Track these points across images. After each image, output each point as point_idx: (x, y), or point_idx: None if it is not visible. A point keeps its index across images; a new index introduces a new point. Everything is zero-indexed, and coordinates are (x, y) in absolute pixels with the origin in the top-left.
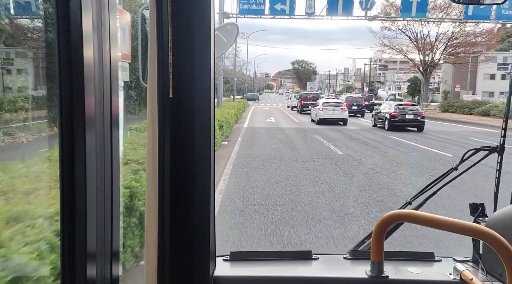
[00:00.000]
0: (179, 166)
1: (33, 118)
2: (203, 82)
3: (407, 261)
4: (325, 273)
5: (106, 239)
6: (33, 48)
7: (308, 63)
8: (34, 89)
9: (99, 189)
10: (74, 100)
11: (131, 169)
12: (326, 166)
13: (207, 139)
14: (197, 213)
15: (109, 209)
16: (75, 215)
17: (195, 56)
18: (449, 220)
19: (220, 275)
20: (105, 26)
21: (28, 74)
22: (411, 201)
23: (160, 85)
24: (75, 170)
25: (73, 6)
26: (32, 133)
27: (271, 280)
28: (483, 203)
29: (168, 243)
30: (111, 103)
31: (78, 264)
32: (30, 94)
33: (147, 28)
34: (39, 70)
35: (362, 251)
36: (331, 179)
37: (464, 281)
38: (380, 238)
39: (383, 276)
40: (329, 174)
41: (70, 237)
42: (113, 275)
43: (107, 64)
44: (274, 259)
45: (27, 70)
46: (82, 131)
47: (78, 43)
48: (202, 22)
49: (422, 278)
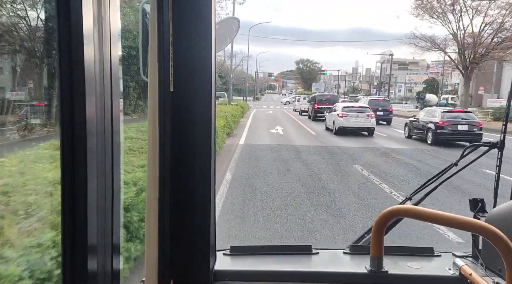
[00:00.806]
0: (180, 160)
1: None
2: (204, 77)
3: (406, 256)
4: (325, 268)
5: (107, 232)
6: (35, 47)
7: (314, 63)
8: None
9: (100, 183)
10: (75, 99)
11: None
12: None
13: (208, 134)
14: (198, 207)
15: (109, 203)
16: (76, 209)
17: (196, 51)
18: (449, 215)
19: (221, 269)
20: (106, 23)
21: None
22: (411, 196)
23: (161, 79)
24: (76, 165)
25: (73, 3)
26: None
27: (271, 274)
28: (483, 199)
29: (168, 237)
30: (111, 101)
31: (79, 258)
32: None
33: (147, 23)
34: (40, 69)
35: (362, 246)
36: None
37: (463, 276)
38: (379, 233)
39: (382, 270)
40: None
41: (71, 231)
42: (114, 268)
43: (107, 62)
44: (274, 253)
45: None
46: (83, 128)
47: (78, 42)
48: (203, 17)
49: (422, 273)
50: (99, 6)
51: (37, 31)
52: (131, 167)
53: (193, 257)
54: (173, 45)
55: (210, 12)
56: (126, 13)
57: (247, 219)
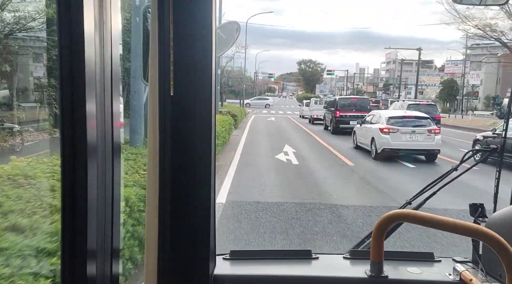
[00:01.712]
0: (180, 164)
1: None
2: (204, 81)
3: (406, 261)
4: (325, 273)
5: (107, 237)
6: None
7: (317, 64)
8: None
9: (100, 186)
10: (75, 99)
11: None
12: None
13: (208, 138)
14: (198, 211)
15: (109, 207)
16: (76, 213)
17: (197, 55)
18: (449, 220)
19: (220, 274)
20: (106, 24)
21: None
22: (411, 201)
23: (161, 83)
24: (76, 168)
25: (74, 4)
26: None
27: (270, 279)
28: (483, 204)
29: (168, 241)
30: (112, 102)
31: (78, 262)
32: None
33: (148, 27)
34: (41, 68)
35: (362, 251)
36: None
37: (464, 282)
38: (379, 238)
39: (382, 276)
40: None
41: (70, 235)
42: (113, 273)
43: (108, 63)
44: (274, 258)
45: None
46: (83, 130)
47: (79, 42)
48: (204, 21)
49: (422, 278)
50: (100, 7)
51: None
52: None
53: (192, 261)
54: (174, 49)
55: (211, 16)
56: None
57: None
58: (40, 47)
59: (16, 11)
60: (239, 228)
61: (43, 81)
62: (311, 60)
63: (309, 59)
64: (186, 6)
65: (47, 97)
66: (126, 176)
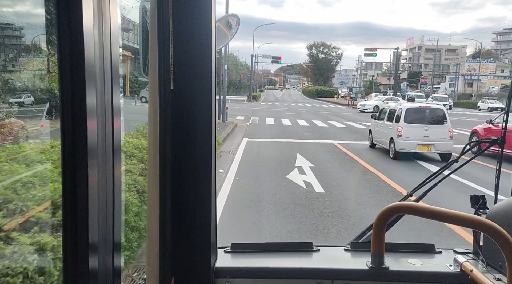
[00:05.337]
0: (181, 158)
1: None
2: (204, 74)
3: (407, 252)
4: (326, 265)
5: (108, 231)
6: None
7: (332, 48)
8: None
9: (101, 181)
10: (75, 95)
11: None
12: None
13: (208, 131)
14: (199, 204)
15: (110, 201)
16: (77, 207)
17: (196, 48)
18: (450, 212)
19: (222, 266)
20: (106, 20)
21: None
22: (412, 193)
23: (161, 77)
24: (77, 163)
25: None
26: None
27: (272, 272)
28: (484, 195)
29: (169, 235)
30: (112, 98)
31: (80, 256)
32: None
33: (147, 21)
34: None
35: (363, 243)
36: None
37: (465, 273)
38: (380, 230)
39: (383, 267)
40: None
41: (72, 229)
42: (115, 266)
43: (108, 59)
44: (275, 251)
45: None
46: (84, 125)
47: (79, 38)
48: (203, 14)
49: (423, 269)
50: (99, 2)
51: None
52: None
53: (194, 254)
54: (173, 43)
55: (210, 10)
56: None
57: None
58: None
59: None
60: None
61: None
62: (325, 43)
63: (321, 43)
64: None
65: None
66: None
